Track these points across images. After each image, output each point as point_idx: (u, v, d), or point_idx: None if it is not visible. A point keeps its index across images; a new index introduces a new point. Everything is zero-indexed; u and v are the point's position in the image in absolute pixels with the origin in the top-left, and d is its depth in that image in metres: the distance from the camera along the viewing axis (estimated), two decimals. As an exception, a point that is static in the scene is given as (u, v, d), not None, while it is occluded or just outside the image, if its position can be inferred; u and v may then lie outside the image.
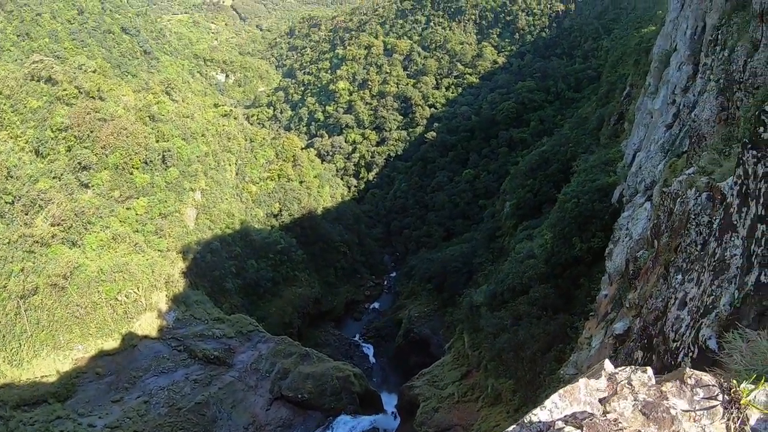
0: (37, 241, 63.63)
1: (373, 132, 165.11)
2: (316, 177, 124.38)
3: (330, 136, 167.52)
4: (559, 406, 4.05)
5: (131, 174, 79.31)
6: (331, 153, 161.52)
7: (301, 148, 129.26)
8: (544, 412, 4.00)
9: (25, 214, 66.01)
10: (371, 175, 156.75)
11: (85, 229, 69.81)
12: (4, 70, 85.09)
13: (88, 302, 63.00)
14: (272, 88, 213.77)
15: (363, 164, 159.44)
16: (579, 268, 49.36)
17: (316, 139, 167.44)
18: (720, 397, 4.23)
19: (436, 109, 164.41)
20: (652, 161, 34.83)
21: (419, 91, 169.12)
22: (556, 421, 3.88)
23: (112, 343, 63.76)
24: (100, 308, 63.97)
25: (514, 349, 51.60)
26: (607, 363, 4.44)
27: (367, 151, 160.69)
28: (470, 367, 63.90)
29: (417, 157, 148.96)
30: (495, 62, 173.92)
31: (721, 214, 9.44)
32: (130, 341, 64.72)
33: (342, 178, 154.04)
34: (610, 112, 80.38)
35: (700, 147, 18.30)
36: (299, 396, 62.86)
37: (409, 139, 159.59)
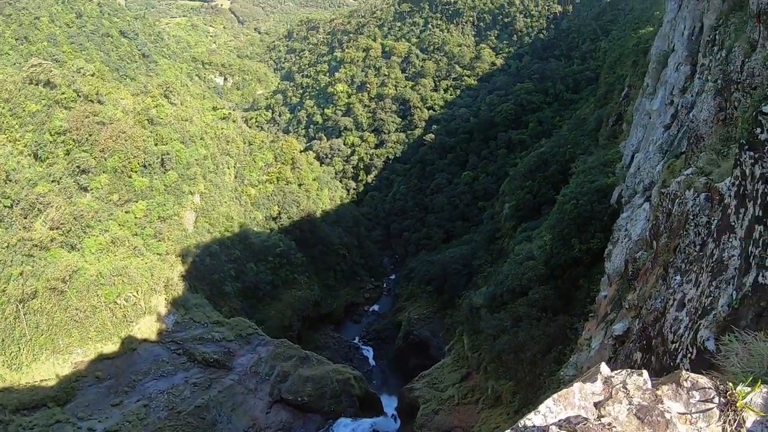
0: (36, 245, 63.60)
1: (372, 134, 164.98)
2: (314, 180, 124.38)
3: (329, 139, 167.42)
4: (553, 410, 4.04)
5: (130, 177, 79.31)
6: (329, 156, 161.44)
7: (300, 151, 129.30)
8: (539, 417, 3.99)
9: (24, 218, 65.97)
10: (370, 178, 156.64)
11: (84, 232, 69.77)
12: (3, 74, 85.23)
13: (87, 306, 62.94)
14: (271, 91, 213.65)
15: (362, 167, 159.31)
16: (578, 270, 49.45)
17: (314, 142, 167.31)
18: (716, 400, 4.22)
19: (434, 111, 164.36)
20: (651, 162, 34.86)
21: (418, 94, 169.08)
22: (550, 426, 3.86)
23: (112, 347, 63.69)
24: (99, 312, 63.90)
25: (514, 351, 51.61)
26: (603, 366, 4.43)
27: (366, 154, 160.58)
28: (470, 369, 63.89)
29: (416, 160, 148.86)
30: (493, 64, 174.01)
31: (719, 215, 9.42)
32: (130, 345, 64.64)
33: (341, 181, 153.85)
34: (609, 113, 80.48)
35: (698, 147, 18.30)
36: (299, 399, 62.79)
37: (407, 141, 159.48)
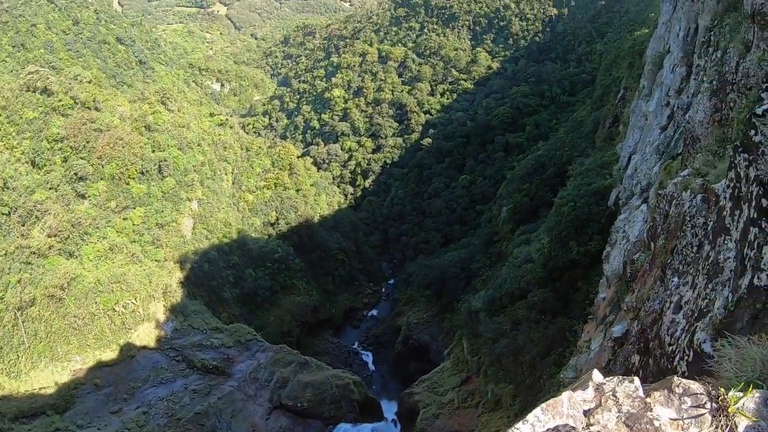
0: (34, 253, 63.47)
1: (369, 139, 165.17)
2: (312, 185, 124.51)
3: (326, 144, 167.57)
4: (541, 419, 4.05)
5: (128, 184, 79.24)
6: (327, 161, 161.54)
7: (298, 157, 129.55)
8: (527, 426, 4.00)
9: (22, 225, 65.86)
10: (368, 183, 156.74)
11: (82, 239, 69.67)
12: (0, 81, 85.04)
13: (85, 313, 62.81)
14: (267, 96, 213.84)
15: (359, 172, 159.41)
16: (577, 272, 49.45)
17: (312, 147, 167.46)
18: (708, 405, 4.24)
19: (431, 115, 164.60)
20: (648, 163, 34.92)
21: (414, 98, 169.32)
22: (538, 436, 3.88)
23: (111, 354, 63.54)
24: (97, 319, 63.77)
25: (513, 354, 51.57)
26: (595, 373, 4.43)
27: (363, 159, 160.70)
28: (470, 373, 63.82)
29: (413, 164, 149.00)
30: (489, 68, 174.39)
31: (714, 217, 9.45)
32: (129, 352, 64.48)
33: (338, 186, 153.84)
34: (605, 115, 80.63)
35: (695, 149, 18.35)
36: (299, 405, 62.65)
37: (405, 145, 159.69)
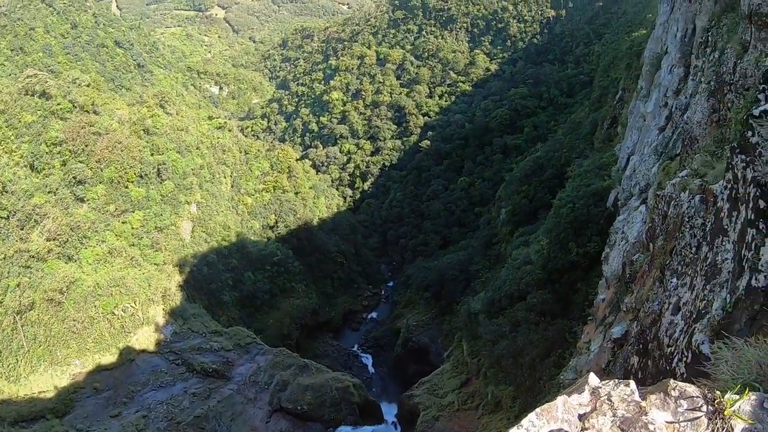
0: (33, 256, 63.43)
1: (368, 142, 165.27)
2: (311, 188, 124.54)
3: (324, 147, 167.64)
4: (536, 424, 4.06)
5: (126, 188, 79.23)
6: (325, 164, 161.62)
7: (296, 160, 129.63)
8: (522, 431, 4.01)
9: (21, 229, 65.80)
10: (366, 185, 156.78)
11: (81, 243, 69.62)
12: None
13: (84, 317, 62.72)
14: (266, 99, 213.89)
15: (358, 174, 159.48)
16: (576, 273, 49.43)
17: (310, 150, 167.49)
18: (704, 408, 4.24)
19: (429, 117, 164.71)
20: (646, 164, 34.95)
21: (413, 100, 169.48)
22: (532, 440, 3.89)
23: (110, 358, 63.44)
24: (97, 323, 63.69)
25: (513, 356, 51.53)
26: (591, 377, 4.43)
27: (362, 161, 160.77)
28: (470, 375, 63.80)
29: (412, 166, 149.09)
30: (487, 70, 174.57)
31: (712, 219, 9.46)
32: (128, 356, 64.39)
33: (337, 189, 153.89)
34: (603, 116, 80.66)
35: (693, 149, 18.37)
36: (299, 408, 62.57)
37: (403, 148, 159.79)
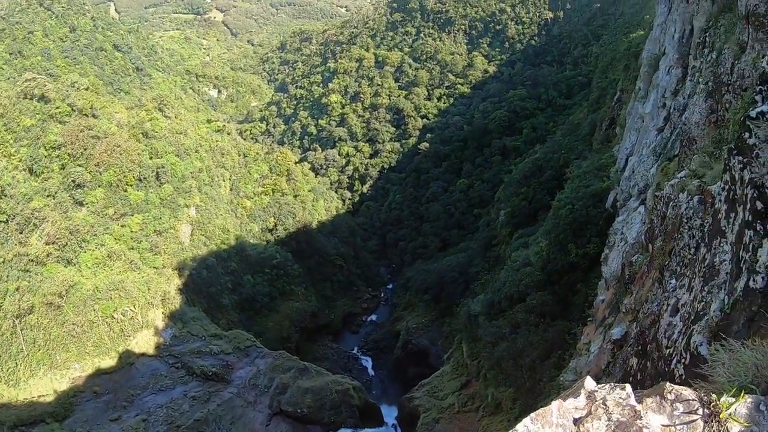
0: (32, 260, 63.33)
1: (366, 144, 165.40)
2: (310, 191, 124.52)
3: (323, 150, 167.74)
4: (531, 429, 4.06)
5: (125, 191, 79.15)
6: (324, 166, 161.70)
7: (295, 162, 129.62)
8: None
9: (20, 233, 65.70)
10: (365, 188, 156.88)
11: (80, 247, 69.55)
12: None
13: (84, 321, 62.62)
14: (265, 102, 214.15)
15: (357, 177, 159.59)
16: (575, 274, 49.41)
17: (309, 153, 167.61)
18: (700, 411, 4.23)
19: (428, 119, 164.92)
20: (645, 165, 34.96)
21: (411, 103, 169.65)
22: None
23: (109, 362, 63.33)
24: (96, 326, 63.59)
25: (513, 357, 51.49)
26: (588, 380, 4.42)
27: (361, 164, 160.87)
28: (470, 377, 63.76)
29: (411, 169, 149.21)
30: (486, 71, 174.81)
31: (710, 220, 9.47)
32: (128, 359, 64.29)
33: (336, 191, 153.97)
34: (602, 117, 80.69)
35: (691, 150, 18.38)
36: (299, 411, 62.48)
37: (402, 150, 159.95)
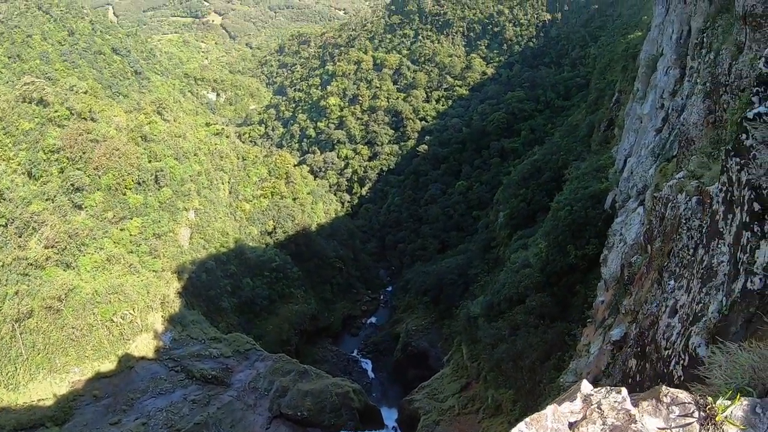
0: (32, 264, 63.34)
1: (365, 147, 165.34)
2: (309, 193, 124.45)
3: (322, 152, 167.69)
4: None
5: (124, 195, 79.13)
6: (323, 169, 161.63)
7: (294, 165, 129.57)
8: None
9: (19, 237, 65.67)
10: (364, 190, 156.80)
11: (79, 250, 69.51)
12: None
13: (83, 324, 62.60)
14: (263, 105, 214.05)
15: (356, 179, 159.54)
16: (575, 276, 49.41)
17: (308, 156, 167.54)
18: (696, 414, 4.24)
19: (427, 122, 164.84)
20: (643, 166, 34.97)
21: (410, 105, 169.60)
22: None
23: (109, 365, 63.30)
24: (95, 330, 63.57)
25: (512, 359, 51.49)
26: (584, 384, 4.42)
27: (360, 166, 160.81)
28: (470, 379, 63.73)
29: (409, 171, 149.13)
30: (484, 73, 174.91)
31: (708, 221, 9.48)
32: (127, 363, 64.25)
33: (335, 194, 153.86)
34: (600, 118, 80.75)
35: (689, 150, 18.40)
36: (299, 414, 62.42)
37: (401, 152, 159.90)
